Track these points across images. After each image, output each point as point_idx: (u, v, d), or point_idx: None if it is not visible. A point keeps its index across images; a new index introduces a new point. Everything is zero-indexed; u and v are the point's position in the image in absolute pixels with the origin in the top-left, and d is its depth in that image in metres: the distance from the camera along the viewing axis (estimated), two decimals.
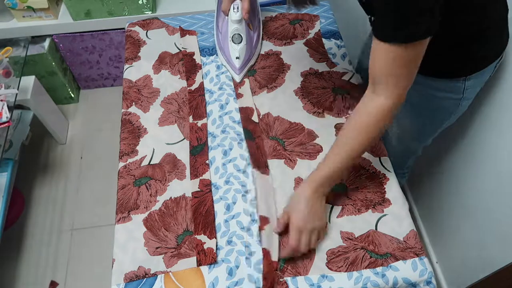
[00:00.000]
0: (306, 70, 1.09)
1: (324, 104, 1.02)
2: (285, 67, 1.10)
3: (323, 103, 1.02)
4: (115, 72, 1.95)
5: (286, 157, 0.93)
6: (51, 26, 1.67)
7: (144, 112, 1.04)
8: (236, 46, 1.06)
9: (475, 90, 0.90)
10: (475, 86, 0.89)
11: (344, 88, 1.05)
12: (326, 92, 1.05)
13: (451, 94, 0.89)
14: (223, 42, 1.10)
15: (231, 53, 1.07)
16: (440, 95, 0.90)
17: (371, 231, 0.83)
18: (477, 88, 0.90)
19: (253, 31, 1.12)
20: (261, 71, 1.10)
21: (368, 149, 0.82)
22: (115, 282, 0.78)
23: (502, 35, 0.85)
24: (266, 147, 0.95)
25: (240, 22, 1.04)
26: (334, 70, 1.09)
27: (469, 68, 0.84)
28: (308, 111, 1.01)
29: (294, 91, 1.05)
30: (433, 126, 1.02)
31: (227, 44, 1.08)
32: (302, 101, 1.03)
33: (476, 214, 1.12)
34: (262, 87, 1.06)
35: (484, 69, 0.85)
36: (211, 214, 0.85)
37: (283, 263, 0.79)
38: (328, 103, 1.02)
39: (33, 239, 1.58)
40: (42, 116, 1.64)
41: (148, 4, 1.62)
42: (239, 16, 1.03)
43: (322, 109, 1.01)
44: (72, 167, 1.77)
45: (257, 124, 0.98)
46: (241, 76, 1.07)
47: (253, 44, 1.11)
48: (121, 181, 0.92)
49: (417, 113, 0.99)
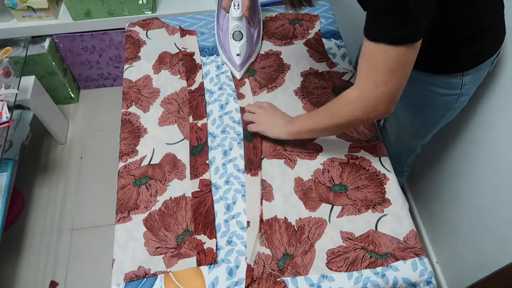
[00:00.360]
0: (306, 70, 1.09)
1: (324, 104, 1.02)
2: (285, 67, 1.10)
3: (323, 103, 1.02)
4: (115, 72, 1.95)
5: (286, 157, 0.93)
6: (51, 26, 1.67)
7: (144, 112, 1.04)
8: (237, 43, 1.06)
9: (473, 86, 0.90)
10: (473, 82, 0.89)
11: (344, 88, 1.05)
12: (326, 92, 1.05)
13: (449, 90, 0.89)
14: (224, 39, 1.10)
15: (232, 50, 1.07)
16: (438, 90, 0.90)
17: (371, 231, 0.83)
18: (475, 84, 0.91)
19: (253, 28, 1.12)
20: (261, 71, 1.10)
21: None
22: (115, 282, 0.78)
23: (498, 31, 0.86)
24: (266, 147, 0.95)
25: (240, 19, 1.04)
26: (334, 70, 1.09)
27: (466, 64, 0.85)
28: (308, 111, 1.01)
29: (294, 91, 1.05)
30: (432, 123, 1.02)
31: (227, 41, 1.08)
32: (302, 101, 1.03)
33: (476, 214, 1.12)
34: (262, 87, 1.06)
35: (481, 65, 0.86)
36: (211, 214, 0.85)
37: (283, 263, 0.79)
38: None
39: (33, 239, 1.58)
40: (42, 116, 1.65)
41: (148, 4, 1.62)
42: (239, 13, 1.03)
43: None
44: (72, 167, 1.77)
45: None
46: (241, 73, 1.08)
47: (253, 41, 1.11)
48: (121, 181, 0.92)
49: (416, 110, 0.99)
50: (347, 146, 0.95)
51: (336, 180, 0.90)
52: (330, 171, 0.91)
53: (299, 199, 0.87)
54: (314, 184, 0.89)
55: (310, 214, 0.85)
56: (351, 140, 0.96)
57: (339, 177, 0.90)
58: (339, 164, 0.92)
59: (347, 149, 0.94)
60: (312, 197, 0.87)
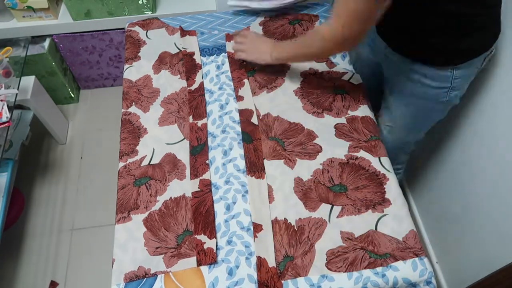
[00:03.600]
0: (306, 70, 1.09)
1: (324, 104, 1.02)
2: (285, 67, 1.10)
3: (323, 103, 1.03)
4: (115, 72, 1.95)
5: (286, 157, 0.93)
6: (51, 26, 1.67)
7: (144, 112, 1.04)
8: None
9: (464, 81, 0.92)
10: (464, 77, 0.90)
11: (343, 88, 1.05)
12: (326, 92, 1.05)
13: (439, 82, 0.91)
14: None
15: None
16: (429, 83, 0.92)
17: (371, 231, 0.83)
18: (467, 79, 0.92)
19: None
20: (261, 71, 1.10)
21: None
22: (115, 282, 0.78)
23: (492, 27, 0.87)
24: (266, 148, 0.95)
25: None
26: (333, 70, 1.09)
27: (457, 58, 0.86)
28: (308, 111, 1.01)
29: (294, 91, 1.05)
30: (423, 117, 1.03)
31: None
32: (301, 101, 1.03)
33: (476, 214, 1.12)
34: (262, 87, 1.06)
35: (472, 60, 0.87)
36: (211, 214, 0.85)
37: (283, 267, 0.79)
38: (327, 103, 1.03)
39: (33, 239, 1.58)
40: (42, 116, 1.64)
41: (148, 4, 1.62)
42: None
43: (322, 109, 1.02)
44: (72, 167, 1.77)
45: (257, 126, 0.98)
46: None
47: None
48: (121, 181, 0.92)
49: (407, 101, 1.00)
50: (346, 146, 0.95)
51: (336, 180, 0.90)
52: (329, 171, 0.91)
53: (299, 199, 0.87)
54: (314, 184, 0.89)
55: (310, 214, 0.85)
56: (350, 140, 0.96)
57: (338, 177, 0.90)
58: (339, 164, 0.92)
59: (347, 149, 0.94)
60: (312, 197, 0.87)
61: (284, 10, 1.25)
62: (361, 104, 1.02)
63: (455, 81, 0.90)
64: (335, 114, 1.01)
